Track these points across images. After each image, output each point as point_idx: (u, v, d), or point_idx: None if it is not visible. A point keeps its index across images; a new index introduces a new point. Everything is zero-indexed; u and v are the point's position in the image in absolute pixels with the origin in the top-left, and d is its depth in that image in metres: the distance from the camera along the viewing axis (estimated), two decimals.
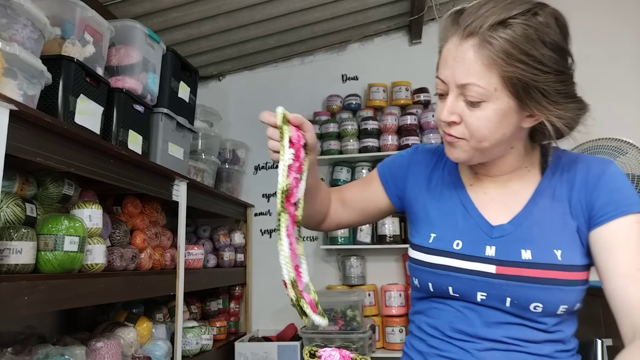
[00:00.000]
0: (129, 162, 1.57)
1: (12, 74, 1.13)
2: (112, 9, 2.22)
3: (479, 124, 0.76)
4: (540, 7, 0.75)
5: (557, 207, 0.83)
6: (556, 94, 0.74)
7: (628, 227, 0.77)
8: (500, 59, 0.71)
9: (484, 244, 0.84)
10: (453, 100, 0.77)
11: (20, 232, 1.15)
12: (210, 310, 2.59)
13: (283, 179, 0.78)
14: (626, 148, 1.90)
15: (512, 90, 0.73)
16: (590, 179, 0.82)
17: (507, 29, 0.72)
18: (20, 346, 1.33)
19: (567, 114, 0.76)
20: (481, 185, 0.90)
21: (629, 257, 0.75)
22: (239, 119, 3.09)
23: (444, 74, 0.78)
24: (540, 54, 0.72)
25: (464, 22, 0.75)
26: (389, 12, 2.76)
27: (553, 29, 0.74)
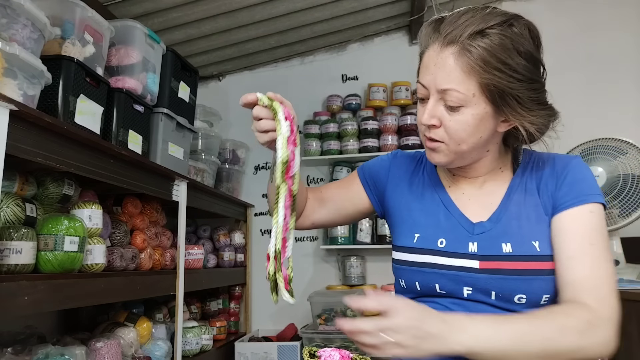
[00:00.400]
0: (129, 162, 1.57)
1: (12, 74, 1.13)
2: (112, 9, 2.22)
3: (458, 127, 0.80)
4: (516, 19, 0.79)
5: (529, 200, 0.87)
6: (529, 101, 0.79)
7: (581, 215, 0.82)
8: (478, 66, 0.76)
9: (467, 240, 0.87)
10: (433, 104, 0.81)
11: (20, 232, 1.16)
12: (210, 310, 2.59)
13: (283, 151, 0.81)
14: (626, 148, 1.90)
15: (489, 97, 0.78)
16: (556, 171, 0.88)
17: (485, 38, 0.76)
18: (20, 346, 1.33)
19: (538, 120, 0.81)
20: (458, 187, 0.94)
21: (576, 241, 0.80)
22: (239, 119, 3.09)
23: (425, 79, 0.81)
24: (516, 63, 0.76)
25: (444, 31, 0.79)
26: (389, 12, 2.76)
27: (527, 40, 0.78)
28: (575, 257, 0.79)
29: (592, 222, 0.82)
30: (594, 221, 0.82)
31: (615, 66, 2.60)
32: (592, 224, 0.82)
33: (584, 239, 0.80)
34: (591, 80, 2.60)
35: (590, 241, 0.80)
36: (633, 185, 1.84)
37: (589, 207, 0.82)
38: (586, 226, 0.82)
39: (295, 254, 3.30)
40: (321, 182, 2.95)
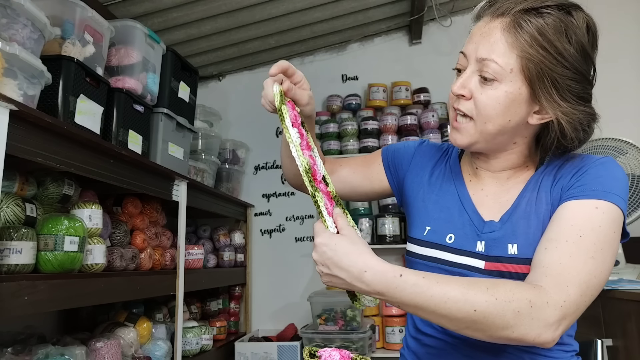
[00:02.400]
0: (129, 162, 1.57)
1: (12, 74, 1.13)
2: (112, 9, 2.22)
3: (488, 102, 0.77)
4: (575, 9, 0.77)
5: (541, 198, 0.83)
6: (568, 91, 0.76)
7: (582, 207, 0.75)
8: (524, 40, 0.73)
9: (475, 239, 0.85)
10: (469, 74, 0.79)
11: (20, 232, 1.16)
12: (210, 310, 2.59)
13: (302, 159, 0.78)
14: (626, 148, 1.90)
15: (527, 75, 0.75)
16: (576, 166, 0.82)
17: (538, 17, 0.74)
18: (20, 346, 1.34)
19: (574, 114, 0.77)
20: (479, 182, 0.91)
21: (564, 227, 0.73)
22: (239, 119, 3.09)
23: (467, 48, 0.80)
24: (563, 48, 0.74)
25: (498, 4, 0.78)
26: (389, 12, 2.76)
27: (582, 31, 0.76)
28: (556, 239, 0.73)
29: (593, 217, 0.73)
30: (597, 217, 0.73)
31: (615, 66, 2.60)
32: (592, 219, 0.73)
33: (574, 228, 0.72)
34: None
35: (580, 232, 0.72)
36: (633, 185, 1.84)
37: (596, 202, 0.74)
38: (584, 219, 0.73)
39: (295, 254, 3.30)
40: None
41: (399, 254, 2.75)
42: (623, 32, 2.63)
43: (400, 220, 2.63)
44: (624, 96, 2.56)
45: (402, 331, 2.48)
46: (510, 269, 0.79)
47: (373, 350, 2.43)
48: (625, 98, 2.56)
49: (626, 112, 2.53)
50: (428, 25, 2.89)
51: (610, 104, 2.54)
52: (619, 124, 2.47)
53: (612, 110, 2.50)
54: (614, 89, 2.57)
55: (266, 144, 3.04)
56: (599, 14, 2.39)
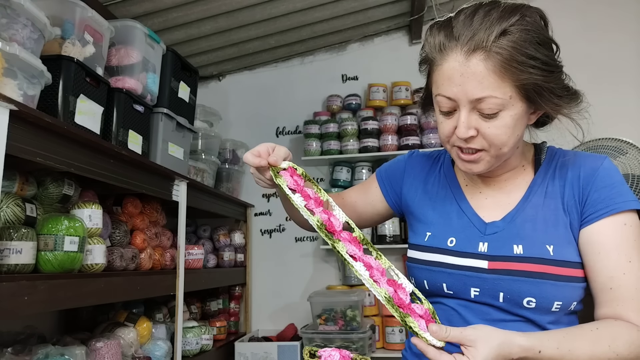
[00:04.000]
0: (129, 162, 1.57)
1: (12, 74, 1.13)
2: (112, 9, 2.22)
3: (499, 132, 0.76)
4: (527, 9, 0.77)
5: (549, 203, 0.84)
6: (561, 89, 0.77)
7: (614, 228, 0.79)
8: (512, 67, 0.72)
9: (477, 240, 0.85)
10: (466, 115, 0.77)
11: (20, 232, 1.15)
12: (210, 310, 2.59)
13: (312, 219, 0.79)
14: (626, 148, 1.90)
15: (524, 95, 0.75)
16: (582, 175, 0.84)
17: (510, 37, 0.72)
18: (20, 346, 1.33)
19: (571, 106, 0.79)
20: (476, 185, 0.92)
21: (614, 260, 0.78)
22: (239, 119, 3.09)
23: (451, 91, 0.76)
24: (543, 55, 0.74)
25: (462, 37, 0.74)
26: (389, 12, 2.76)
27: (542, 27, 0.77)
28: (614, 277, 0.77)
29: (627, 235, 0.79)
30: (630, 233, 0.79)
31: (615, 66, 2.60)
32: (628, 237, 0.79)
33: (621, 256, 0.78)
34: (591, 80, 2.60)
35: (627, 258, 0.78)
36: (633, 185, 1.84)
37: (622, 218, 0.79)
38: (621, 240, 0.79)
39: (295, 254, 3.30)
40: (321, 182, 2.95)
41: (398, 254, 2.75)
42: (623, 32, 2.63)
43: (400, 220, 2.63)
44: (624, 96, 2.56)
45: (402, 331, 2.48)
46: (515, 267, 0.80)
47: (373, 350, 2.43)
48: (625, 98, 2.56)
49: (626, 112, 2.53)
50: (428, 25, 2.89)
51: (610, 104, 2.55)
52: (619, 124, 2.48)
53: (612, 110, 2.52)
54: (614, 89, 2.57)
55: None
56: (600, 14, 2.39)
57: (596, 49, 2.64)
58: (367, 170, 2.75)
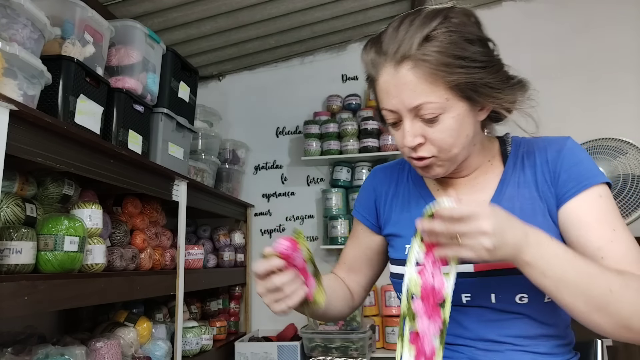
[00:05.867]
0: (129, 162, 1.57)
1: (12, 74, 1.13)
2: (112, 9, 2.22)
3: (444, 135, 0.78)
4: (451, 10, 0.77)
5: (524, 193, 0.84)
6: (500, 82, 0.77)
7: (590, 201, 0.79)
8: (440, 71, 0.73)
9: None
10: (410, 123, 0.78)
11: (20, 232, 1.15)
12: (210, 310, 2.59)
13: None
14: (626, 148, 1.90)
15: (462, 95, 0.76)
16: (549, 158, 0.84)
17: (434, 41, 0.74)
18: (20, 346, 1.33)
19: (515, 96, 0.79)
20: (447, 188, 0.92)
21: (598, 231, 0.77)
22: (239, 119, 3.09)
23: (390, 103, 0.78)
24: (472, 53, 0.74)
25: (390, 50, 0.76)
26: (389, 12, 2.76)
27: (470, 25, 0.77)
28: (602, 247, 0.76)
29: (604, 206, 0.79)
30: (606, 204, 0.79)
31: (615, 66, 2.60)
32: (605, 208, 0.79)
33: (604, 226, 0.77)
34: (591, 80, 2.60)
35: (611, 227, 0.77)
36: (633, 185, 1.84)
37: (595, 191, 0.79)
38: (600, 212, 0.78)
39: None
40: (321, 182, 2.95)
41: None
42: (623, 32, 2.63)
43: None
44: (624, 96, 2.56)
45: None
46: (501, 266, 0.80)
47: (373, 351, 2.43)
48: (625, 98, 2.56)
49: (626, 112, 2.53)
50: None
51: (610, 104, 2.55)
52: (619, 124, 2.48)
53: (612, 110, 2.52)
54: (614, 89, 2.57)
55: (266, 144, 3.04)
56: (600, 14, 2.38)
57: (596, 49, 2.64)
58: (367, 170, 2.75)
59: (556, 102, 2.60)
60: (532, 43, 2.69)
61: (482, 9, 2.81)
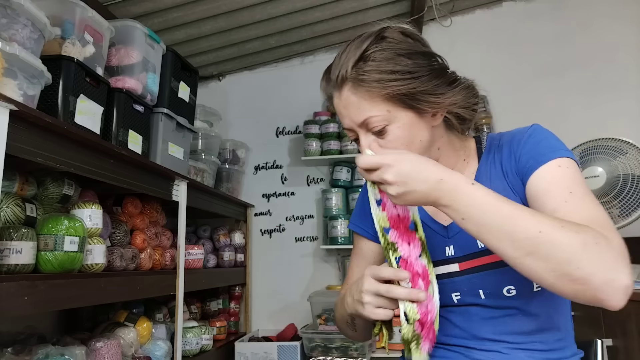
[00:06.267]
0: (129, 162, 1.57)
1: (12, 74, 1.13)
2: (112, 9, 2.22)
3: (394, 145, 0.81)
4: (385, 30, 0.82)
5: (497, 186, 0.85)
6: (437, 88, 0.80)
7: (549, 170, 0.79)
8: (376, 88, 0.78)
9: (443, 245, 0.87)
10: (364, 138, 0.83)
11: (20, 232, 1.15)
12: (210, 310, 2.59)
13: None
14: (626, 148, 1.90)
15: (402, 105, 0.79)
16: (513, 146, 0.86)
17: (367, 61, 0.79)
18: (20, 346, 1.33)
19: (457, 98, 0.81)
20: None
21: (554, 195, 0.76)
22: (239, 119, 3.09)
23: (345, 123, 0.85)
24: (404, 65, 0.78)
25: (333, 75, 0.84)
26: (389, 12, 2.76)
27: (403, 41, 0.81)
28: (559, 208, 0.73)
29: (564, 174, 0.77)
30: (565, 172, 0.77)
31: (615, 66, 2.60)
32: (564, 175, 0.77)
33: (560, 190, 0.75)
34: (591, 80, 2.60)
35: (567, 190, 0.75)
36: (633, 185, 1.84)
37: (555, 162, 0.79)
38: (558, 178, 0.77)
39: (295, 254, 3.29)
40: (321, 182, 2.95)
41: None
42: (623, 32, 2.63)
43: None
44: (624, 96, 2.56)
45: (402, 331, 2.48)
46: (485, 261, 0.81)
47: (373, 351, 2.43)
48: (625, 98, 2.56)
49: (626, 112, 2.53)
50: (428, 25, 2.89)
51: (610, 104, 2.55)
52: (619, 124, 2.48)
53: (612, 110, 2.52)
54: (614, 89, 2.57)
55: (266, 144, 3.04)
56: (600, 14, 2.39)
57: (596, 48, 2.64)
58: None
59: (556, 102, 2.60)
60: (532, 43, 2.68)
61: (482, 9, 2.81)
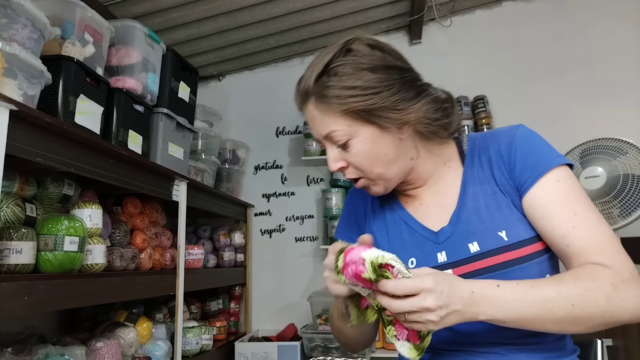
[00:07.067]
0: (129, 162, 1.57)
1: (12, 74, 1.13)
2: (112, 9, 2.22)
3: (358, 158, 0.82)
4: (351, 42, 0.81)
5: (486, 189, 0.85)
6: (398, 103, 0.79)
7: (549, 187, 0.79)
8: (335, 104, 0.78)
9: (435, 252, 0.86)
10: (330, 150, 0.84)
11: (20, 232, 1.15)
12: (210, 310, 2.59)
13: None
14: (626, 148, 1.90)
15: (362, 120, 0.79)
16: (502, 150, 0.85)
17: (330, 76, 0.78)
18: (20, 346, 1.33)
19: (421, 110, 0.81)
20: (414, 199, 0.93)
21: (560, 218, 0.77)
22: (239, 119, 3.09)
23: (313, 134, 0.87)
24: (365, 81, 0.77)
25: (300, 89, 0.85)
26: (389, 12, 2.76)
27: (368, 55, 0.80)
28: (566, 234, 0.77)
29: (564, 190, 0.79)
30: (565, 188, 0.79)
31: (615, 66, 2.60)
32: (565, 192, 0.79)
33: (565, 212, 0.77)
34: (591, 80, 2.60)
35: (572, 211, 0.77)
36: (633, 185, 1.84)
37: (553, 175, 0.80)
38: (560, 197, 0.78)
39: (295, 254, 3.29)
40: (321, 182, 2.95)
41: None
42: (623, 32, 2.63)
43: None
44: (624, 96, 2.56)
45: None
46: (478, 266, 0.80)
47: (373, 350, 2.43)
48: (625, 98, 2.56)
49: (626, 112, 2.53)
50: (428, 25, 2.89)
51: (610, 104, 2.55)
52: (619, 124, 2.48)
53: (612, 110, 2.52)
54: (614, 88, 2.57)
55: (266, 144, 3.04)
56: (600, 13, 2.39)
57: (596, 49, 2.64)
58: None
59: (556, 102, 2.60)
60: (532, 43, 2.68)
61: (482, 9, 2.81)
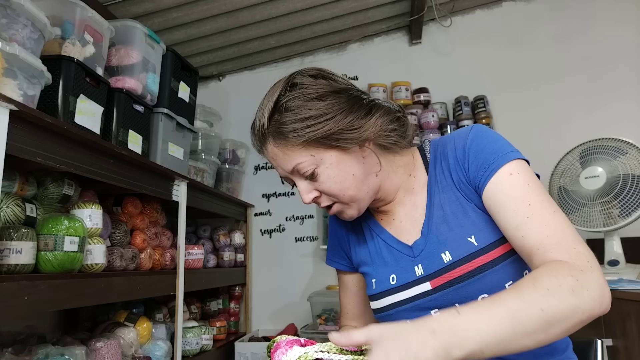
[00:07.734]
0: (129, 162, 1.57)
1: (12, 74, 1.13)
2: (112, 9, 2.22)
3: (329, 185, 0.82)
4: (295, 76, 0.83)
5: (450, 196, 0.85)
6: (353, 122, 0.80)
7: (501, 181, 0.78)
8: (293, 137, 0.79)
9: (412, 266, 0.86)
10: (300, 183, 0.85)
11: (20, 232, 1.15)
12: (210, 310, 2.59)
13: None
14: (626, 148, 1.89)
15: (324, 147, 0.80)
16: (458, 155, 0.85)
17: (281, 113, 0.80)
18: (20, 346, 1.33)
19: (377, 124, 0.82)
20: (388, 214, 0.94)
21: (513, 210, 0.75)
22: (239, 119, 3.09)
23: (279, 172, 0.87)
24: (316, 110, 0.78)
25: (256, 131, 0.85)
26: (389, 12, 2.76)
27: (314, 84, 0.81)
28: (519, 225, 0.73)
29: (516, 182, 0.76)
30: (517, 181, 0.77)
31: (615, 66, 2.60)
32: (517, 184, 0.76)
33: (518, 203, 0.75)
34: (591, 80, 2.60)
35: (525, 202, 0.74)
36: (633, 185, 1.83)
37: (505, 170, 0.78)
38: (512, 189, 0.76)
39: (295, 254, 3.29)
40: None
41: None
42: (623, 32, 2.63)
43: None
44: (624, 96, 2.56)
45: None
46: (453, 276, 0.80)
47: None
48: (625, 98, 2.56)
49: (626, 112, 2.53)
50: (428, 25, 2.89)
51: (610, 104, 2.55)
52: (619, 124, 2.48)
53: (612, 110, 2.52)
54: (614, 89, 2.57)
55: None
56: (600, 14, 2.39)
57: (596, 49, 2.64)
58: None
59: (556, 102, 2.60)
60: (532, 43, 2.68)
61: (482, 9, 2.82)
